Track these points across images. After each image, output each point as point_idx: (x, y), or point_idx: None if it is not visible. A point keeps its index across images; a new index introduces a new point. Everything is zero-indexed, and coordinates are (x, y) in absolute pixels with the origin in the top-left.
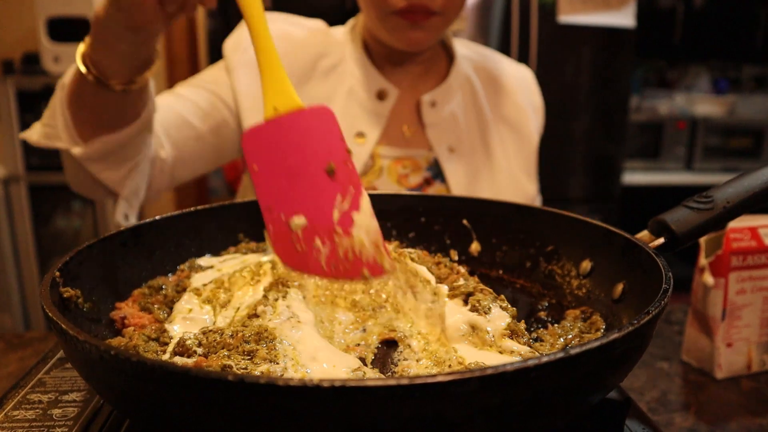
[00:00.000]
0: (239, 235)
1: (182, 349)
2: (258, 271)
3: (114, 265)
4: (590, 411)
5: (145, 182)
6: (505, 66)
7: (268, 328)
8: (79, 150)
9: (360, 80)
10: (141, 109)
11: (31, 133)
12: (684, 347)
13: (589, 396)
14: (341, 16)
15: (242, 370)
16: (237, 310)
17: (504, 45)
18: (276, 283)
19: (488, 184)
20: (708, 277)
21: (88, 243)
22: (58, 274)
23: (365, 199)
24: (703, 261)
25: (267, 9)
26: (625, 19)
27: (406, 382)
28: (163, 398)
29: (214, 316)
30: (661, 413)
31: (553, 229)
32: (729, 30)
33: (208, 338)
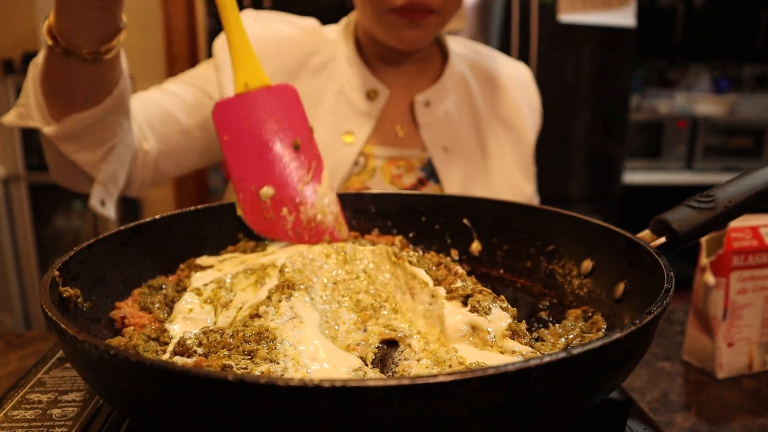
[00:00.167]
0: (239, 234)
1: (182, 348)
2: (263, 274)
3: (114, 265)
4: (592, 411)
5: (125, 170)
6: (502, 64)
7: (269, 328)
8: (51, 129)
9: (350, 79)
10: (112, 86)
11: (6, 115)
12: (685, 347)
13: (591, 396)
14: (341, 16)
15: (242, 370)
16: (239, 310)
17: (504, 44)
18: (281, 286)
19: (483, 184)
20: (709, 277)
21: (87, 242)
22: (57, 273)
23: (326, 174)
24: (705, 260)
25: (266, 8)
26: (625, 18)
27: (407, 383)
28: (163, 398)
29: (215, 316)
30: (663, 413)
31: (554, 228)
32: (729, 29)
33: (208, 338)
